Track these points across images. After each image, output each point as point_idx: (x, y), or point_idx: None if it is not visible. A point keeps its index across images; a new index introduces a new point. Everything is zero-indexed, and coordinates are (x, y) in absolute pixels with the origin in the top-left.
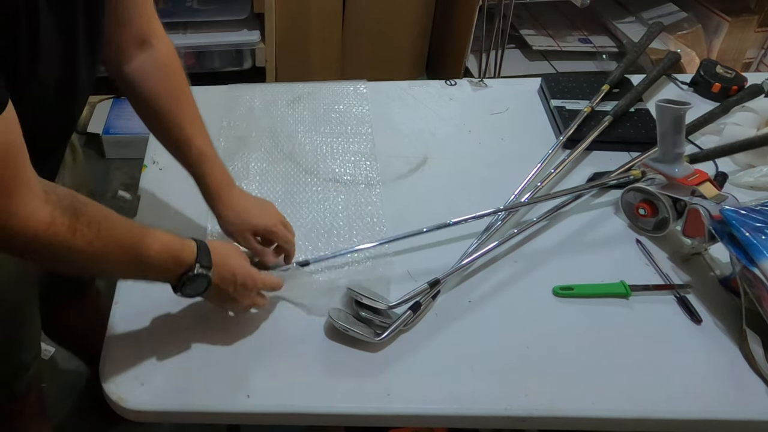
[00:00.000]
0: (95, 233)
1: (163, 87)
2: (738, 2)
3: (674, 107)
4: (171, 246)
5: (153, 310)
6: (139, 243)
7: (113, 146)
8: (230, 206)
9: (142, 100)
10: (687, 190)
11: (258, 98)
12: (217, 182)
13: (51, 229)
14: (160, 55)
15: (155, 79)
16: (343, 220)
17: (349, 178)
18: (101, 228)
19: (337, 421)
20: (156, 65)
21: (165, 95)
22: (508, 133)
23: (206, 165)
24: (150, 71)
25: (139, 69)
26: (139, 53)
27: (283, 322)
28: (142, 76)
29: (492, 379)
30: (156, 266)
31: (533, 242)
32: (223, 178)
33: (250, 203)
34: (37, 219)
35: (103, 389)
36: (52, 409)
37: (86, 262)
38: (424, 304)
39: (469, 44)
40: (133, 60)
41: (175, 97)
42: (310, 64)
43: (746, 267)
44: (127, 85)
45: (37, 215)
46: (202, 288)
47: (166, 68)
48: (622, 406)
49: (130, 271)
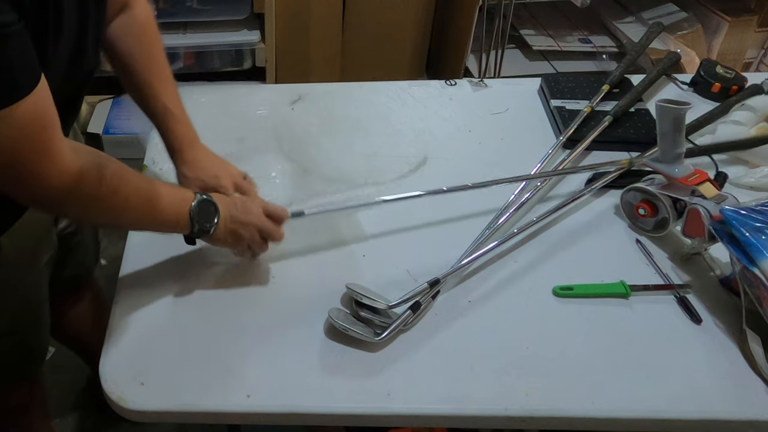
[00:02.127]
0: (117, 183)
1: (137, 46)
2: (738, 2)
3: (674, 107)
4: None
5: (153, 310)
6: (152, 189)
7: (113, 146)
8: (188, 162)
9: (118, 59)
10: (687, 190)
11: (258, 98)
12: (180, 138)
13: (81, 182)
14: (136, 16)
15: (131, 38)
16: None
17: (351, 177)
18: (122, 178)
19: (337, 421)
20: (132, 25)
21: (138, 54)
22: (508, 133)
23: (170, 121)
24: (126, 31)
25: (117, 30)
26: (117, 17)
27: (283, 321)
28: (118, 36)
29: (492, 379)
30: (167, 206)
31: (533, 242)
32: (186, 134)
33: (208, 160)
34: (69, 174)
35: (103, 389)
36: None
37: (110, 211)
38: (423, 303)
39: (469, 44)
40: (112, 24)
41: (147, 56)
42: (310, 64)
43: (746, 267)
44: (106, 46)
45: (69, 170)
46: (213, 215)
47: (142, 29)
48: (622, 406)
49: (147, 216)
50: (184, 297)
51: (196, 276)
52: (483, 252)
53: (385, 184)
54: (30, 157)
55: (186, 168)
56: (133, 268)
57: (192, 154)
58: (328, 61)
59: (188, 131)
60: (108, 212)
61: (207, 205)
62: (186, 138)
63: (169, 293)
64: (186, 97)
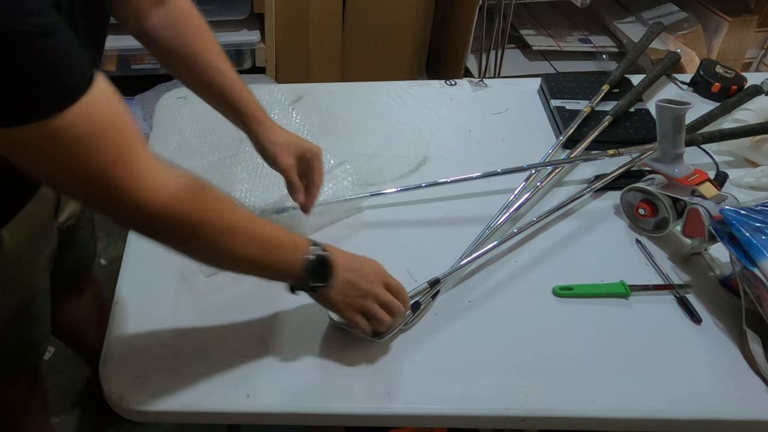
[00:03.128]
0: (221, 207)
1: (188, 34)
2: (738, 2)
3: (674, 107)
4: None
5: (153, 310)
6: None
7: None
8: (274, 129)
9: (169, 50)
10: (687, 190)
11: (259, 98)
12: (259, 109)
13: (177, 199)
14: (179, 6)
15: (179, 27)
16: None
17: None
18: (225, 202)
19: (337, 421)
20: (177, 15)
21: (190, 40)
22: (508, 133)
23: (245, 92)
24: (172, 21)
25: (161, 22)
26: (157, 8)
27: (283, 322)
28: (164, 27)
29: (492, 379)
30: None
31: (533, 242)
32: (260, 106)
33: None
34: (163, 189)
35: (103, 389)
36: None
37: (215, 240)
38: (424, 303)
39: (469, 44)
40: (153, 16)
41: (201, 40)
42: (310, 64)
43: (746, 267)
44: (151, 40)
45: (162, 184)
46: (326, 272)
47: (187, 17)
48: (622, 406)
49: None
50: (184, 297)
51: (196, 276)
52: (483, 252)
53: (385, 184)
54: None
55: (276, 134)
56: (133, 268)
57: (273, 123)
58: (328, 61)
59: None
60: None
61: (322, 262)
62: (262, 110)
63: (169, 293)
64: (187, 97)
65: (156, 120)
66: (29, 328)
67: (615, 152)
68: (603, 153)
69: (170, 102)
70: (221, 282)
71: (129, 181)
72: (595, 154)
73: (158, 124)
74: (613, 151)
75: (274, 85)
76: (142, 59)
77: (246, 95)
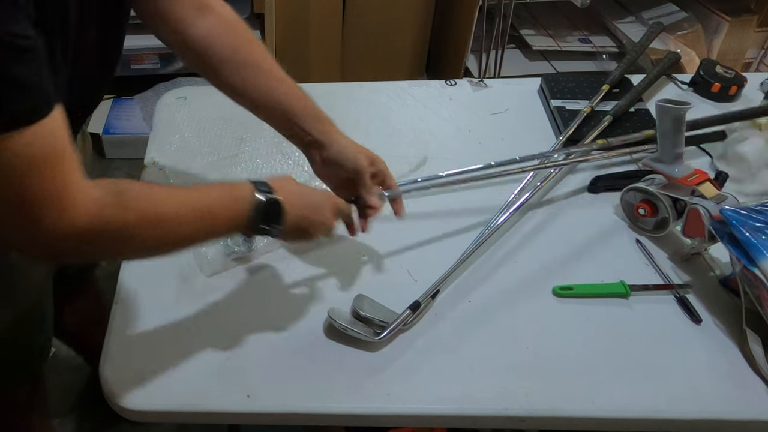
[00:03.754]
0: (146, 203)
1: (237, 42)
2: (738, 2)
3: (674, 107)
4: (223, 187)
5: (153, 310)
6: (194, 195)
7: (113, 146)
8: (341, 133)
9: (220, 60)
10: (687, 190)
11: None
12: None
13: (102, 213)
14: (223, 15)
15: (229, 37)
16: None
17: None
18: (151, 196)
19: (337, 421)
20: (224, 25)
21: (242, 48)
22: (508, 133)
23: (308, 97)
24: (220, 32)
25: (209, 33)
26: (201, 19)
27: (283, 322)
28: (212, 38)
29: (492, 379)
30: (220, 211)
31: (533, 242)
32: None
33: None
34: (87, 203)
35: (103, 389)
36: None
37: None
38: (423, 303)
39: (469, 44)
40: (197, 26)
41: (253, 47)
42: (310, 64)
43: (746, 267)
44: (196, 52)
45: (86, 199)
46: (278, 214)
47: (234, 27)
48: (622, 406)
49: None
50: (184, 297)
51: (196, 276)
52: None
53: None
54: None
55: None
56: (133, 269)
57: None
58: (328, 61)
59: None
60: (147, 234)
61: (273, 206)
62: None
63: (169, 293)
64: (187, 97)
65: (156, 120)
66: (32, 333)
67: (604, 142)
68: (593, 144)
69: (170, 102)
70: (221, 282)
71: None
72: (586, 147)
73: (158, 124)
74: (602, 141)
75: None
76: (142, 59)
77: (310, 99)
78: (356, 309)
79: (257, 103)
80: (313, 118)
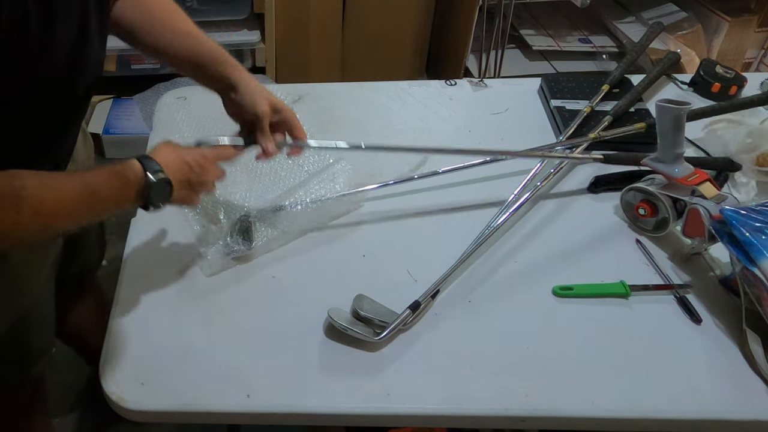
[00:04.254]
0: (39, 202)
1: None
2: (738, 2)
3: (674, 107)
4: (114, 171)
5: (153, 310)
6: (84, 186)
7: (113, 146)
8: (251, 78)
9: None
10: (687, 190)
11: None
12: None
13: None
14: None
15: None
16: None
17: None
18: (45, 194)
19: (337, 421)
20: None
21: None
22: (508, 133)
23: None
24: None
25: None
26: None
27: (283, 321)
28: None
29: (492, 379)
30: (109, 197)
31: (533, 242)
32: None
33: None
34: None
35: (103, 389)
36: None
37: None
38: (423, 303)
39: (469, 44)
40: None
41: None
42: (310, 64)
43: (746, 267)
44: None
45: None
46: (167, 192)
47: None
48: (622, 406)
49: (88, 213)
50: (184, 297)
51: (196, 275)
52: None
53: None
54: None
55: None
56: (133, 269)
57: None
58: (328, 61)
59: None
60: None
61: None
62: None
63: (169, 293)
64: (187, 97)
65: (156, 120)
66: (33, 336)
67: (596, 136)
68: (586, 138)
69: (170, 102)
70: (221, 282)
71: None
72: (578, 141)
73: (158, 124)
74: (594, 135)
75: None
76: (142, 59)
77: (220, 48)
78: (356, 309)
79: (171, 59)
80: (225, 63)
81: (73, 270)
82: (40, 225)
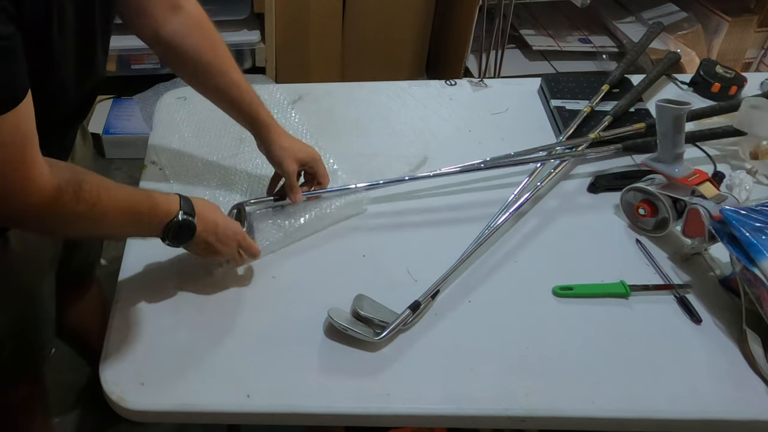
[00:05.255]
0: (96, 198)
1: (204, 42)
2: (738, 2)
3: (674, 107)
4: (158, 200)
5: (153, 310)
6: (133, 202)
7: (113, 146)
8: (282, 135)
9: (186, 58)
10: (687, 190)
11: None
12: (268, 115)
13: (58, 199)
14: (193, 15)
15: (196, 37)
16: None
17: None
18: (101, 193)
19: (337, 421)
20: (193, 25)
21: (206, 49)
22: (508, 133)
23: (256, 101)
24: (188, 31)
25: (178, 31)
26: (173, 17)
27: (283, 321)
28: (181, 36)
29: (492, 379)
30: (147, 222)
31: (533, 242)
32: (269, 112)
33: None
34: (46, 192)
35: (103, 389)
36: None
37: (90, 224)
38: (423, 303)
39: (469, 44)
40: (169, 24)
41: (216, 49)
42: (310, 64)
43: (746, 267)
44: (167, 47)
45: (47, 188)
46: (188, 235)
47: (202, 26)
48: (622, 406)
49: (126, 228)
50: (184, 297)
51: (196, 275)
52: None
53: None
54: (8, 175)
55: (283, 140)
56: (133, 268)
57: (281, 131)
58: (328, 61)
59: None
60: (87, 227)
61: (186, 229)
62: (272, 117)
63: (169, 293)
64: (187, 97)
65: (156, 120)
66: (33, 331)
67: (596, 136)
68: (586, 138)
69: (170, 102)
70: (221, 282)
71: (23, 184)
72: (578, 141)
73: (158, 124)
74: (594, 135)
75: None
76: (142, 59)
77: (257, 103)
78: (356, 309)
79: (214, 101)
80: (258, 122)
81: (74, 267)
82: (88, 221)
